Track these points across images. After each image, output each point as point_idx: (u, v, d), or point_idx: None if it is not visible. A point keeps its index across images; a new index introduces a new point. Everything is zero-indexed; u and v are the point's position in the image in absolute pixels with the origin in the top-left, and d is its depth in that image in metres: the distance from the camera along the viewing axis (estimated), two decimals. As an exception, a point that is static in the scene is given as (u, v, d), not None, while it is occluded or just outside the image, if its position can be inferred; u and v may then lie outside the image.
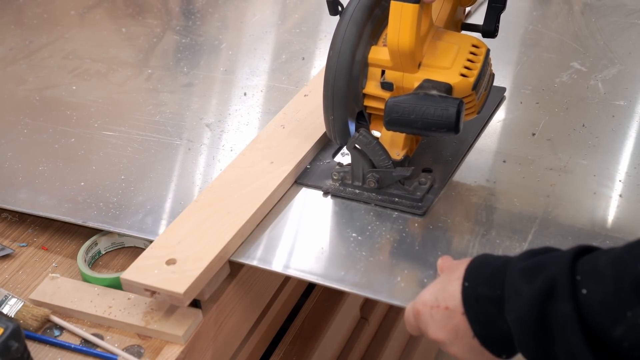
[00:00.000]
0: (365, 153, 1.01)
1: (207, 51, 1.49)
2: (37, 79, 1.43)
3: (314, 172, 1.11)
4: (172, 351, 0.93)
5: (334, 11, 1.03)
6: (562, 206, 1.03)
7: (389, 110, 0.96)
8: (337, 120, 1.04)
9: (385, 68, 1.03)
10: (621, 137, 1.15)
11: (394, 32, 0.97)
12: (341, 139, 1.06)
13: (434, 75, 1.00)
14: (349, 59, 1.01)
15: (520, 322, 0.71)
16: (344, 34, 1.01)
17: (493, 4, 1.12)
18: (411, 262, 0.96)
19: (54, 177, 1.17)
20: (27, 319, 0.97)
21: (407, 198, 1.02)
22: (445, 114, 0.93)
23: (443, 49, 1.03)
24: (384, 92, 1.03)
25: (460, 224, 1.01)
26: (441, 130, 0.94)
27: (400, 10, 0.96)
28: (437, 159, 1.10)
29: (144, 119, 1.29)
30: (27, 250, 1.10)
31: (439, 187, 1.05)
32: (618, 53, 1.35)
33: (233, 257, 0.99)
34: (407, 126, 0.96)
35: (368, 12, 1.02)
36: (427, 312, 0.81)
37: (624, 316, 0.65)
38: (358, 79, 1.03)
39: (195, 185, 1.13)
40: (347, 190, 1.05)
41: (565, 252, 0.71)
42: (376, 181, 1.02)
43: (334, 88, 1.02)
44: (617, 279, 0.66)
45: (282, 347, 1.20)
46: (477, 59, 1.03)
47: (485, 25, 1.12)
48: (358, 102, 1.05)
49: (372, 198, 1.04)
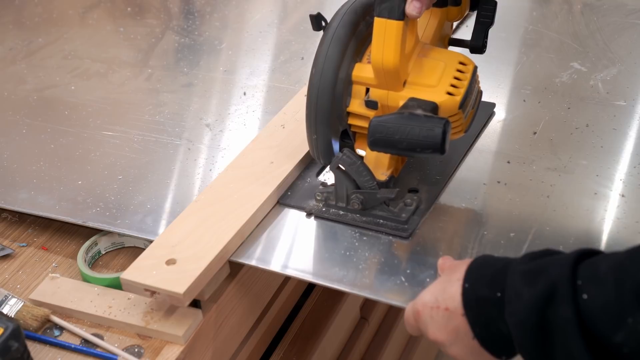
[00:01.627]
0: (349, 174, 0.98)
1: (207, 51, 1.49)
2: (37, 79, 1.43)
3: (297, 191, 1.07)
4: (172, 351, 0.93)
5: (317, 27, 1.00)
6: (562, 207, 1.03)
7: (372, 130, 0.93)
8: (321, 140, 1.01)
9: (369, 86, 1.00)
10: (621, 137, 1.15)
11: (378, 50, 0.94)
12: (325, 158, 1.03)
13: (420, 94, 0.97)
14: (332, 77, 0.98)
15: (521, 325, 0.71)
16: (327, 52, 0.98)
17: (481, 19, 1.08)
18: (411, 262, 0.96)
19: (53, 177, 1.17)
20: (27, 319, 0.97)
21: (392, 220, 0.99)
22: (430, 134, 0.90)
23: (429, 67, 0.99)
24: (368, 110, 1.00)
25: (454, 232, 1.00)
26: (426, 151, 0.91)
27: (385, 27, 0.93)
28: (424, 179, 1.07)
29: (144, 119, 1.29)
30: (27, 250, 1.10)
31: (426, 207, 1.02)
32: (618, 53, 1.35)
33: (233, 257, 0.99)
34: (391, 147, 0.93)
35: (352, 28, 0.99)
36: (427, 312, 0.81)
37: (624, 322, 0.65)
38: (342, 97, 1.00)
39: (195, 185, 1.13)
40: (331, 212, 1.02)
41: (566, 256, 0.71)
42: (360, 203, 0.99)
43: (316, 107, 0.99)
44: (618, 284, 0.66)
45: (282, 347, 1.20)
46: (464, 77, 0.99)
47: (473, 41, 1.09)
48: (342, 120, 1.02)
49: (356, 220, 1.00)
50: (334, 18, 1.00)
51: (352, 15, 1.00)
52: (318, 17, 0.99)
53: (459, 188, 1.07)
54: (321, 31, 1.00)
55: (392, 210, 0.99)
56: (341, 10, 1.00)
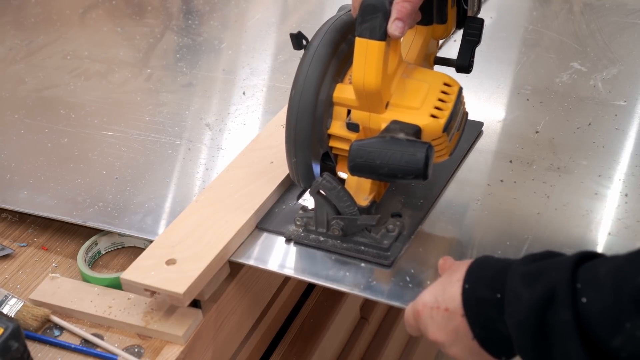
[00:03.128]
0: (330, 199, 0.94)
1: (207, 51, 1.49)
2: (37, 79, 1.43)
3: (276, 215, 1.03)
4: (172, 351, 0.93)
5: (297, 45, 0.96)
6: (562, 207, 1.03)
7: (353, 154, 0.89)
8: (300, 163, 0.98)
9: (351, 107, 0.96)
10: (622, 137, 1.15)
11: (359, 71, 0.90)
12: (305, 182, 1.00)
13: (403, 116, 0.93)
14: (312, 99, 0.95)
15: (520, 326, 0.71)
16: (307, 72, 0.95)
17: (467, 38, 1.05)
18: (411, 263, 0.96)
19: (53, 177, 1.17)
20: (27, 319, 0.97)
21: (374, 247, 0.95)
22: (412, 159, 0.87)
23: (412, 88, 0.96)
24: (349, 133, 0.97)
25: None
26: (408, 176, 0.88)
27: (366, 47, 0.90)
28: (408, 202, 1.03)
29: (144, 119, 1.29)
30: (27, 250, 1.10)
31: (409, 234, 0.98)
32: (618, 53, 1.35)
33: (232, 257, 0.99)
34: (372, 172, 0.90)
35: (333, 48, 0.96)
36: (427, 313, 0.81)
37: (622, 327, 0.65)
38: (322, 119, 0.97)
39: (195, 185, 1.13)
40: (311, 237, 0.98)
41: (566, 259, 0.71)
42: (341, 229, 0.95)
43: (296, 129, 0.96)
44: (617, 289, 0.66)
45: (282, 347, 1.20)
46: (448, 99, 0.96)
47: (459, 60, 1.05)
48: (323, 143, 0.98)
49: (336, 246, 0.97)
50: (314, 37, 0.96)
51: (334, 34, 0.96)
52: (298, 36, 0.96)
53: (459, 190, 1.07)
54: (302, 50, 0.97)
55: (374, 236, 0.96)
56: (322, 28, 0.97)
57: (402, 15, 0.88)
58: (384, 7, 0.88)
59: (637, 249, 0.67)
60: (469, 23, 1.04)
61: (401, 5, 0.88)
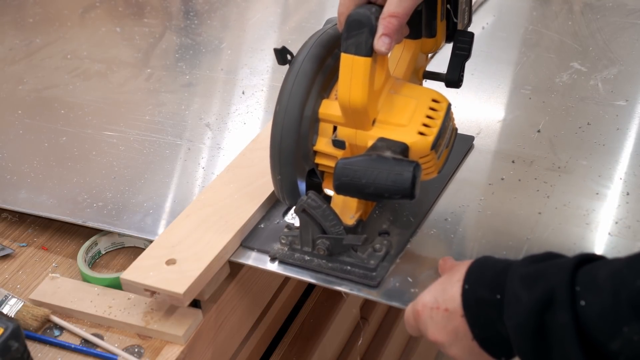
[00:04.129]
0: (315, 218, 0.91)
1: (207, 51, 1.49)
2: (37, 79, 1.43)
3: (261, 233, 1.01)
4: (172, 351, 0.93)
5: (282, 60, 0.93)
6: (563, 207, 1.03)
7: (338, 173, 0.87)
8: (285, 181, 0.96)
9: (336, 124, 0.94)
10: (622, 137, 1.15)
11: (345, 88, 0.88)
12: (290, 199, 0.97)
13: (390, 133, 0.91)
14: (297, 115, 0.92)
15: (519, 328, 0.71)
16: (292, 88, 0.92)
17: (457, 52, 1.02)
18: (411, 263, 0.96)
19: (53, 177, 1.17)
20: (27, 319, 0.97)
21: (360, 267, 0.93)
22: (399, 179, 0.84)
23: (400, 104, 0.93)
24: (335, 150, 0.95)
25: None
26: (395, 196, 0.85)
27: (352, 63, 0.87)
28: (396, 219, 1.01)
29: (144, 119, 1.29)
30: (27, 250, 1.10)
31: (396, 253, 0.96)
32: (618, 53, 1.35)
33: (232, 258, 0.99)
34: (358, 191, 0.87)
35: (319, 63, 0.93)
36: (427, 313, 0.81)
37: (620, 331, 0.65)
38: (307, 135, 0.94)
39: (195, 185, 1.13)
40: (296, 257, 0.95)
41: (566, 261, 0.71)
42: (326, 248, 0.93)
43: (280, 146, 0.93)
44: (615, 293, 0.66)
45: (282, 347, 1.20)
46: (437, 115, 0.93)
47: (448, 75, 1.02)
48: (308, 160, 0.96)
49: (322, 266, 0.94)
50: (300, 51, 0.94)
51: (319, 48, 0.94)
52: (283, 50, 0.93)
53: (459, 189, 1.07)
54: (287, 65, 0.94)
55: (360, 256, 0.93)
56: (308, 42, 0.95)
57: (389, 30, 0.86)
58: (369, 22, 0.86)
59: (636, 253, 0.67)
60: (458, 37, 1.01)
61: (388, 21, 0.86)
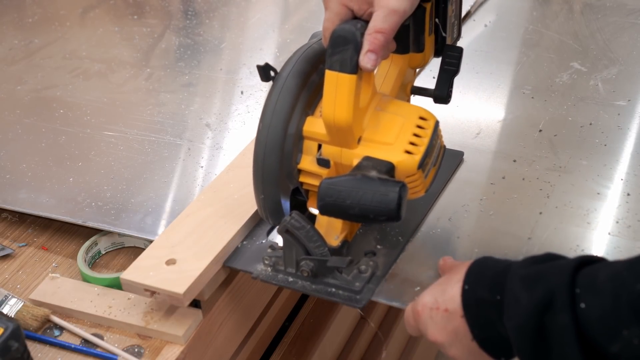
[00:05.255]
0: (299, 238, 0.89)
1: (207, 51, 1.49)
2: (37, 79, 1.43)
3: (244, 252, 0.98)
4: (172, 351, 0.93)
5: (265, 77, 0.91)
6: (564, 206, 1.03)
7: (322, 194, 0.84)
8: (268, 200, 0.93)
9: (321, 142, 0.91)
10: (622, 137, 1.15)
11: (330, 105, 0.85)
12: (274, 219, 0.95)
13: (376, 152, 0.89)
14: (280, 133, 0.90)
15: (519, 329, 0.71)
16: (275, 105, 0.90)
17: (446, 67, 0.99)
18: (411, 263, 0.96)
19: (53, 177, 1.17)
20: (27, 319, 0.97)
21: (345, 289, 0.90)
22: (384, 200, 0.82)
23: (386, 122, 0.91)
24: (320, 168, 0.92)
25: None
26: (380, 217, 0.83)
27: (336, 80, 0.84)
28: (383, 238, 0.98)
29: (144, 119, 1.29)
30: (27, 250, 1.10)
31: (382, 274, 0.93)
32: (618, 53, 1.35)
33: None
34: (342, 212, 0.85)
35: (303, 79, 0.91)
36: (427, 313, 0.81)
37: (620, 334, 0.65)
38: (291, 154, 0.92)
39: (195, 185, 1.13)
40: (279, 277, 0.93)
41: (566, 263, 0.71)
42: (310, 270, 0.90)
43: (263, 165, 0.91)
44: (615, 296, 0.66)
45: (282, 347, 1.20)
46: (424, 134, 0.91)
47: (437, 90, 0.99)
48: (292, 179, 0.94)
49: (306, 288, 0.91)
50: (284, 67, 0.92)
51: (304, 64, 0.92)
52: (266, 67, 0.90)
53: (459, 189, 1.07)
54: (270, 82, 0.92)
55: (345, 278, 0.91)
56: (292, 58, 0.93)
57: (375, 47, 0.83)
58: (354, 38, 0.84)
59: (636, 256, 0.67)
60: (447, 52, 0.99)
61: (374, 37, 0.83)
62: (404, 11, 0.84)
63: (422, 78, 1.12)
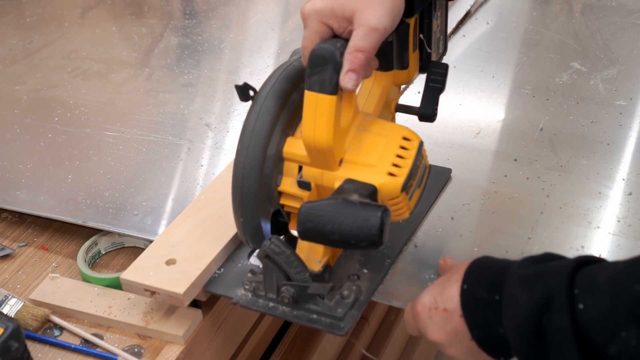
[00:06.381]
0: (279, 264, 0.86)
1: (207, 51, 1.49)
2: (37, 79, 1.43)
3: (224, 276, 0.96)
4: (172, 351, 0.93)
5: (244, 97, 0.88)
6: (564, 206, 1.03)
7: (302, 218, 0.81)
8: (248, 223, 0.91)
9: (302, 164, 0.88)
10: (623, 137, 1.15)
11: (309, 127, 0.83)
12: (254, 243, 0.92)
13: (358, 174, 0.86)
14: (259, 155, 0.87)
15: (517, 330, 0.71)
16: (254, 126, 0.87)
17: (431, 84, 0.96)
18: (411, 263, 0.96)
19: (53, 177, 1.17)
20: (27, 319, 0.97)
21: (327, 315, 0.88)
22: (366, 225, 0.79)
23: (369, 143, 0.88)
24: (301, 191, 0.89)
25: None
26: (362, 243, 0.80)
27: (316, 101, 0.81)
28: (367, 261, 0.95)
29: (144, 119, 1.29)
30: (27, 250, 1.10)
31: (366, 299, 0.90)
32: (618, 53, 1.35)
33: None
34: (322, 238, 0.81)
35: (283, 99, 0.88)
36: (426, 313, 0.81)
37: (618, 335, 0.65)
38: (271, 176, 0.89)
39: (195, 185, 1.13)
40: (260, 303, 0.90)
41: (565, 263, 0.71)
42: (291, 296, 0.87)
43: (242, 187, 0.88)
44: (614, 297, 0.66)
45: (282, 347, 1.20)
46: (407, 155, 0.87)
47: (422, 108, 0.96)
48: (273, 201, 0.91)
49: (287, 314, 0.89)
50: (263, 86, 0.89)
51: (284, 83, 0.89)
52: (244, 87, 0.88)
53: (459, 189, 1.07)
54: (250, 102, 0.89)
55: (327, 304, 0.88)
56: (272, 77, 0.90)
57: (356, 66, 0.80)
58: (334, 58, 0.81)
59: (635, 257, 0.67)
60: (432, 68, 0.96)
61: (354, 56, 0.80)
62: (384, 29, 0.81)
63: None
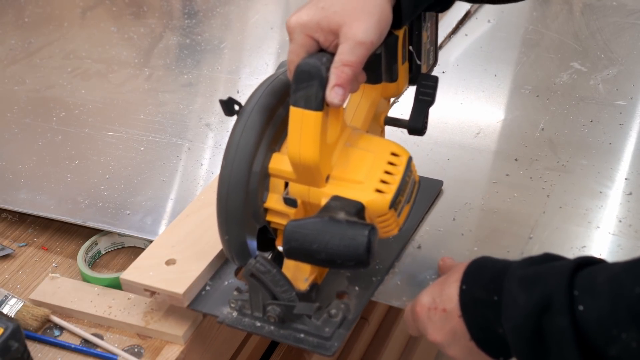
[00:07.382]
0: (264, 283, 0.85)
1: (207, 51, 1.49)
2: (37, 79, 1.43)
3: (211, 294, 0.94)
4: (172, 351, 0.93)
5: (229, 112, 0.86)
6: (564, 206, 1.03)
7: (287, 237, 0.79)
8: (233, 241, 0.88)
9: (288, 180, 0.86)
10: (623, 137, 1.15)
11: (295, 143, 0.80)
12: (240, 260, 0.90)
13: (345, 191, 0.84)
14: (244, 171, 0.85)
15: (517, 331, 0.71)
16: (239, 141, 0.85)
17: (420, 97, 0.94)
18: (411, 263, 0.96)
19: (53, 177, 1.17)
20: (27, 319, 0.97)
21: (314, 335, 0.86)
22: (352, 244, 0.77)
23: (356, 159, 0.85)
24: (287, 208, 0.87)
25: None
26: (349, 263, 0.78)
27: (301, 118, 0.79)
28: (355, 278, 0.93)
29: (144, 119, 1.29)
30: (27, 250, 1.10)
31: (354, 317, 0.88)
32: (618, 53, 1.35)
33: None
34: (308, 257, 0.80)
35: (268, 114, 0.86)
36: (425, 313, 0.81)
37: (618, 337, 0.65)
38: (257, 192, 0.86)
39: (195, 185, 1.13)
40: (245, 322, 0.89)
41: (564, 264, 0.71)
42: (277, 316, 0.86)
43: (227, 204, 0.86)
44: (614, 299, 0.65)
45: (282, 347, 1.20)
46: (396, 171, 0.85)
47: (411, 122, 0.94)
48: (258, 218, 0.88)
49: (273, 333, 0.87)
50: (248, 101, 0.87)
51: (269, 97, 0.87)
52: (229, 101, 0.86)
53: (460, 189, 1.07)
54: (235, 116, 0.87)
55: (315, 323, 0.87)
56: (257, 91, 0.88)
57: (342, 81, 0.78)
58: (319, 74, 0.79)
59: (635, 258, 0.67)
60: (421, 81, 0.93)
61: (341, 70, 0.78)
62: (371, 42, 0.79)
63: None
